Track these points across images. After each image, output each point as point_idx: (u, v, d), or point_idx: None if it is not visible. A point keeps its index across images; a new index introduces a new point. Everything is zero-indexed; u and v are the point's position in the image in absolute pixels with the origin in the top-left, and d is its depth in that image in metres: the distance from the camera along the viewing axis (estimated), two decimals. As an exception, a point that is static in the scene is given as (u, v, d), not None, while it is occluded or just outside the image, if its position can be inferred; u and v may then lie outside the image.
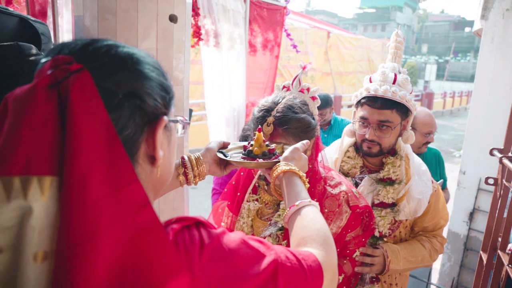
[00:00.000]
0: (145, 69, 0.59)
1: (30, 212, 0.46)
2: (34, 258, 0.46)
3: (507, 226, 1.35)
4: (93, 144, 0.48)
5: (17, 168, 0.46)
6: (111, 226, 0.48)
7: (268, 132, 1.21)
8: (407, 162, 1.65)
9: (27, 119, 0.48)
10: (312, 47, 11.94)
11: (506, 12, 3.01)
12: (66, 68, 0.50)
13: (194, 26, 3.07)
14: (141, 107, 0.57)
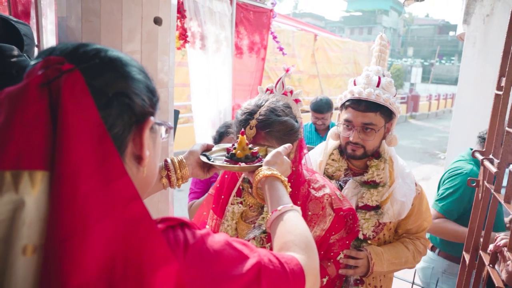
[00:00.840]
0: (133, 71, 0.61)
1: (22, 206, 0.47)
2: (23, 251, 0.47)
3: (488, 227, 1.37)
4: (84, 140, 0.50)
5: (8, 162, 0.48)
6: (101, 219, 0.49)
7: (251, 135, 1.22)
8: (391, 165, 1.66)
9: (18, 116, 0.49)
10: (299, 49, 12.00)
11: (486, 17, 3.07)
12: (58, 68, 0.52)
13: (180, 28, 3.06)
14: (129, 106, 0.59)
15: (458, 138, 3.32)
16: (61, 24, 1.49)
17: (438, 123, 18.46)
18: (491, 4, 3.07)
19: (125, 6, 1.39)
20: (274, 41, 4.15)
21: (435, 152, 11.73)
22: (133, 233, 0.51)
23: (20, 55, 1.38)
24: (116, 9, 1.39)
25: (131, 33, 1.42)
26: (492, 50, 3.04)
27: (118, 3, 1.38)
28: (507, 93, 1.28)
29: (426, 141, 13.66)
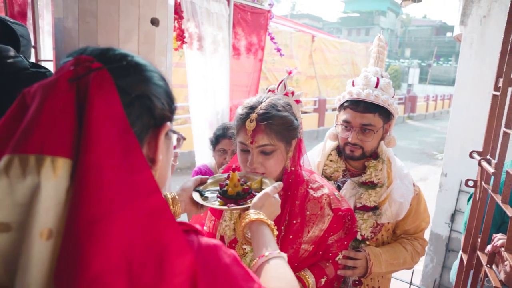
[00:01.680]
0: (154, 77, 0.65)
1: (39, 189, 0.49)
2: (41, 235, 0.49)
3: (486, 227, 1.37)
4: (109, 132, 0.53)
5: (33, 147, 0.51)
6: (123, 208, 0.51)
7: (251, 128, 1.23)
8: (389, 166, 1.67)
9: (48, 106, 0.53)
10: (297, 50, 12.02)
11: (483, 18, 3.08)
12: (88, 66, 0.56)
13: (178, 29, 3.05)
14: (150, 109, 0.62)
15: (455, 139, 3.32)
16: (58, 25, 1.48)
17: (436, 124, 18.50)
18: (488, 5, 3.08)
19: (122, 7, 1.39)
20: (272, 42, 4.15)
21: (433, 153, 11.75)
22: (153, 224, 0.53)
23: (17, 56, 1.38)
24: (113, 10, 1.38)
25: (128, 34, 1.42)
26: (489, 51, 3.05)
27: (115, 4, 1.38)
28: (504, 94, 1.28)
29: (424, 142, 13.69)
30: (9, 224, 0.50)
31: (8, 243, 0.50)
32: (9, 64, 1.34)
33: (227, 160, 2.33)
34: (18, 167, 0.50)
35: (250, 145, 1.25)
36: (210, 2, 3.23)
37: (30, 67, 1.42)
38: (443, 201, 3.41)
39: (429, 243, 3.43)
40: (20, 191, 0.50)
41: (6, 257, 0.50)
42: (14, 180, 0.50)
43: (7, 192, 0.50)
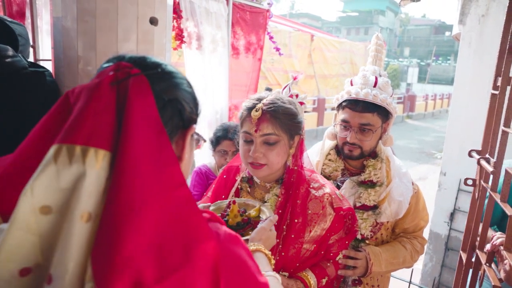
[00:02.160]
0: (184, 84, 0.73)
1: (84, 176, 0.56)
2: (81, 217, 0.55)
3: (485, 226, 1.37)
4: (145, 130, 0.59)
5: (80, 139, 0.57)
6: (156, 196, 0.57)
7: (256, 117, 1.25)
8: (388, 165, 1.67)
9: (92, 105, 0.59)
10: (295, 50, 12.01)
11: (481, 17, 3.08)
12: (127, 72, 0.63)
13: (177, 28, 3.05)
14: (180, 112, 0.70)
15: (454, 138, 3.33)
16: (57, 24, 1.48)
17: (435, 123, 18.52)
18: (486, 4, 3.08)
19: (121, 6, 1.39)
20: (271, 41, 4.15)
21: (432, 152, 11.76)
22: (180, 212, 0.60)
23: (15, 56, 1.37)
24: (112, 9, 1.38)
25: (126, 33, 1.41)
26: (488, 50, 3.05)
27: (113, 3, 1.38)
28: (503, 93, 1.28)
29: (423, 141, 13.70)
30: (51, 207, 0.56)
31: (48, 225, 0.56)
32: (7, 63, 1.33)
33: (228, 161, 2.34)
34: (65, 156, 0.56)
35: (255, 133, 1.26)
36: (209, 1, 3.23)
37: (28, 67, 1.41)
38: (442, 200, 3.42)
39: (429, 242, 3.44)
40: (65, 177, 0.56)
41: (45, 237, 0.56)
42: (61, 167, 0.56)
43: (53, 177, 0.56)
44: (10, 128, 1.34)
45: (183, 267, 0.58)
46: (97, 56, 1.40)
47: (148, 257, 0.55)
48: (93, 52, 1.40)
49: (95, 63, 1.40)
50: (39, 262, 0.56)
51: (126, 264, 0.52)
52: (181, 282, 0.57)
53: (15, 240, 0.55)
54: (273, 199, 1.36)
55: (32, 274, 0.56)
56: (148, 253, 0.55)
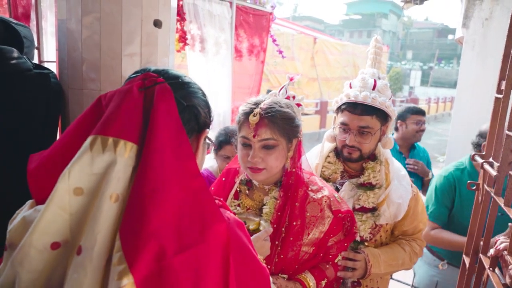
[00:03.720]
0: (199, 92, 0.85)
1: (115, 163, 0.66)
2: (110, 197, 0.64)
3: (488, 230, 1.37)
4: (168, 128, 0.70)
5: (113, 132, 0.67)
6: (177, 182, 0.68)
7: (254, 122, 1.25)
8: (387, 167, 1.66)
9: (124, 105, 0.70)
10: (298, 52, 12.02)
11: (485, 21, 3.08)
12: (154, 80, 0.75)
13: (180, 31, 3.06)
14: (196, 116, 0.82)
15: (457, 141, 3.32)
16: (61, 26, 1.49)
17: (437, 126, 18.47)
18: (490, 7, 3.08)
19: (125, 9, 1.39)
20: (274, 44, 4.15)
21: (434, 155, 11.72)
22: (197, 197, 0.69)
23: (20, 57, 1.38)
24: (116, 11, 1.38)
25: (130, 35, 1.42)
26: (491, 54, 3.05)
27: (118, 6, 1.38)
28: (507, 97, 1.28)
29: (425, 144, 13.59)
30: (83, 189, 0.65)
31: (78, 205, 0.65)
32: (12, 65, 1.34)
33: None
34: (100, 145, 0.66)
35: (253, 138, 1.26)
36: (212, 4, 3.24)
37: (33, 68, 1.42)
38: (445, 203, 3.39)
39: (431, 245, 3.41)
40: (98, 164, 0.66)
41: (75, 216, 0.65)
42: (95, 154, 0.66)
43: (88, 163, 0.65)
44: (14, 128, 1.35)
45: (199, 244, 0.67)
46: (101, 57, 1.40)
47: (169, 233, 0.64)
48: (97, 54, 1.40)
49: (99, 65, 1.40)
50: (67, 239, 0.65)
51: (151, 237, 0.62)
52: (197, 256, 0.67)
53: (51, 215, 0.64)
54: (272, 202, 1.36)
55: (61, 249, 0.65)
56: (169, 229, 0.64)
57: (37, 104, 1.41)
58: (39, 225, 0.63)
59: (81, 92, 1.43)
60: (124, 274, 0.59)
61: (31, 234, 0.63)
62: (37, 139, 1.42)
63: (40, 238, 0.63)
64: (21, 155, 1.38)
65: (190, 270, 0.66)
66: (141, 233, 0.62)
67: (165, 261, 0.62)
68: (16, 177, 1.37)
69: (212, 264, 0.69)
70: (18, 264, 0.63)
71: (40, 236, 0.63)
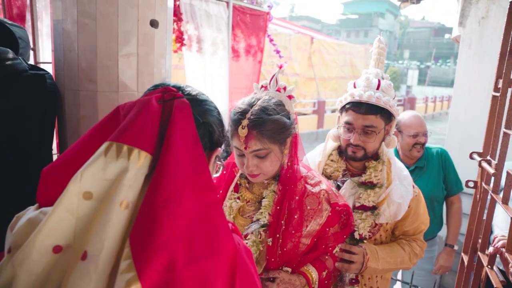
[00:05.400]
0: (215, 111, 0.88)
1: (127, 170, 0.66)
2: (120, 204, 0.64)
3: (487, 228, 1.37)
4: (185, 141, 0.71)
5: (128, 139, 0.68)
6: (190, 195, 0.68)
7: (243, 135, 1.25)
8: (389, 167, 1.66)
9: (141, 115, 0.71)
10: (295, 52, 12.02)
11: (481, 20, 3.09)
12: (173, 94, 0.77)
13: (177, 31, 3.06)
14: (210, 134, 0.85)
15: (454, 140, 3.32)
16: (57, 27, 1.48)
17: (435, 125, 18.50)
18: (486, 6, 3.08)
19: (121, 9, 1.39)
20: (271, 44, 4.16)
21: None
22: (209, 211, 0.70)
23: (15, 58, 1.37)
24: (112, 12, 1.38)
25: (127, 36, 1.41)
26: (488, 52, 3.06)
27: (114, 6, 1.38)
28: (504, 95, 1.28)
29: (423, 143, 13.67)
30: (92, 194, 0.65)
31: (86, 209, 0.65)
32: (7, 66, 1.33)
33: None
34: (114, 151, 0.67)
35: (244, 150, 1.27)
36: (209, 4, 3.23)
37: (28, 69, 1.41)
38: (443, 202, 3.40)
39: (429, 244, 3.42)
40: (111, 170, 0.66)
41: (81, 220, 0.64)
42: (109, 160, 0.66)
43: (101, 168, 0.66)
44: (10, 130, 1.34)
45: (208, 257, 0.68)
46: (98, 58, 1.40)
47: (180, 244, 0.64)
48: (93, 54, 1.39)
49: (95, 66, 1.40)
50: (70, 243, 0.64)
51: (162, 247, 0.62)
52: (206, 270, 0.67)
53: (57, 218, 0.63)
54: (271, 195, 1.39)
55: (62, 253, 0.64)
56: (180, 241, 0.65)
57: (33, 105, 1.40)
58: (45, 226, 0.63)
59: (78, 93, 1.42)
60: (132, 282, 0.59)
61: (36, 236, 0.63)
62: (33, 141, 1.41)
63: (43, 240, 0.63)
64: (17, 157, 1.38)
65: (198, 283, 0.66)
66: (152, 242, 0.62)
67: (174, 272, 0.63)
68: (13, 178, 1.36)
69: (220, 279, 0.69)
70: (18, 264, 0.63)
71: (44, 238, 0.63)
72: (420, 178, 2.61)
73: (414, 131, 2.57)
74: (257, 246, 1.37)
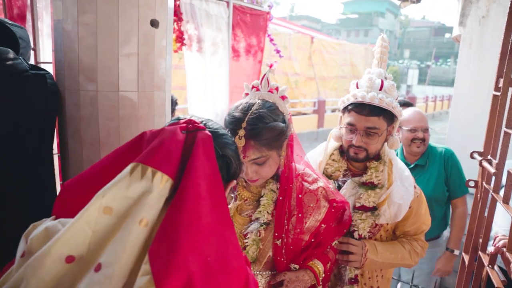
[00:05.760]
0: (233, 146, 0.97)
1: (150, 191, 0.71)
2: (140, 222, 0.69)
3: (487, 227, 1.37)
4: (206, 170, 0.77)
5: (153, 162, 0.74)
6: (209, 221, 0.73)
7: (241, 145, 1.24)
8: (390, 167, 1.66)
9: (168, 142, 0.77)
10: (295, 52, 12.01)
11: (482, 19, 3.09)
12: (196, 126, 0.83)
13: (177, 31, 3.05)
14: (228, 166, 0.92)
15: (455, 139, 3.32)
16: (57, 27, 1.48)
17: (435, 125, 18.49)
18: (486, 6, 3.08)
19: (122, 9, 1.38)
20: (271, 43, 4.15)
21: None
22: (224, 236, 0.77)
23: (16, 58, 1.37)
24: (113, 11, 1.38)
25: (127, 35, 1.41)
26: (488, 52, 3.05)
27: (114, 6, 1.38)
28: (505, 94, 1.28)
29: (423, 143, 13.65)
30: (112, 209, 0.69)
31: (104, 223, 0.68)
32: (8, 66, 1.33)
33: None
34: (139, 172, 0.72)
35: (243, 159, 1.27)
36: (209, 4, 3.23)
37: (29, 69, 1.41)
38: (444, 201, 3.40)
39: (430, 244, 3.42)
40: (134, 189, 0.71)
41: (97, 233, 0.68)
42: (133, 179, 0.71)
43: (125, 186, 0.70)
44: (11, 130, 1.34)
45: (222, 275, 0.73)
46: (98, 58, 1.40)
47: (198, 263, 0.69)
48: (94, 54, 1.39)
49: (95, 66, 1.40)
50: (83, 254, 0.67)
51: (183, 264, 0.66)
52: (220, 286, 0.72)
53: (76, 228, 0.67)
54: (270, 194, 1.40)
55: (74, 263, 0.67)
56: (198, 260, 0.69)
57: (34, 105, 1.40)
58: (63, 236, 0.66)
59: (78, 93, 1.42)
60: None
61: (53, 243, 0.66)
62: (33, 140, 1.41)
63: (58, 249, 0.66)
64: (17, 157, 1.38)
65: None
66: (173, 260, 0.66)
67: None
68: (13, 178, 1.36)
69: None
70: (30, 270, 0.65)
71: (60, 247, 0.66)
72: (420, 177, 2.59)
73: (411, 126, 2.56)
74: (257, 244, 1.39)
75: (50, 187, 1.50)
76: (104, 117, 1.41)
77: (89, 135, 1.42)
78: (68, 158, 1.48)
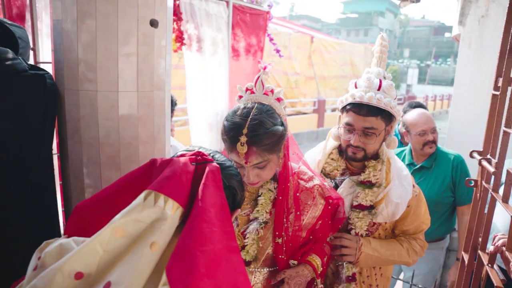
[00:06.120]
0: (239, 177, 1.04)
1: (162, 218, 0.77)
2: (151, 245, 0.73)
3: (487, 226, 1.37)
4: (215, 199, 0.84)
5: (166, 190, 0.79)
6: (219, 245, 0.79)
7: (243, 151, 1.25)
8: (388, 166, 1.66)
9: (179, 172, 0.84)
10: (295, 51, 12.00)
11: (481, 18, 3.09)
12: (205, 159, 0.91)
13: (177, 31, 3.05)
14: (234, 197, 1.00)
15: (455, 138, 3.32)
16: (57, 27, 1.48)
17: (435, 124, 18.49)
18: (486, 5, 3.08)
19: (121, 9, 1.38)
20: (271, 43, 4.15)
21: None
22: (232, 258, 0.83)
23: (15, 58, 1.37)
24: (112, 11, 1.38)
25: (127, 35, 1.41)
26: (488, 51, 3.05)
27: (113, 6, 1.37)
28: (504, 93, 1.28)
29: (423, 142, 13.63)
30: (125, 231, 0.74)
31: (116, 244, 0.73)
32: (7, 66, 1.33)
33: None
34: (152, 198, 0.78)
35: (245, 164, 1.29)
36: (209, 3, 3.23)
37: (28, 69, 1.41)
38: (443, 201, 3.40)
39: (430, 243, 3.42)
40: (147, 214, 0.76)
41: (107, 253, 0.72)
42: (146, 205, 0.77)
43: (138, 211, 0.75)
44: (10, 130, 1.34)
45: None
46: (98, 58, 1.40)
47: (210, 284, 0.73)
48: (93, 54, 1.39)
49: (95, 65, 1.40)
50: (91, 273, 0.71)
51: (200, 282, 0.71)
52: None
53: (89, 247, 0.71)
54: (267, 194, 1.43)
55: (81, 280, 0.70)
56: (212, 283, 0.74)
57: (33, 105, 1.40)
58: (76, 254, 0.70)
59: (78, 93, 1.42)
60: None
61: (65, 260, 0.69)
62: (33, 141, 1.41)
63: (70, 265, 0.69)
64: (17, 157, 1.38)
65: None
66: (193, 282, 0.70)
67: None
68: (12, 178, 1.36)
69: None
70: (41, 283, 0.68)
71: (71, 263, 0.69)
72: (425, 179, 2.57)
73: (420, 129, 2.55)
74: (257, 243, 1.41)
75: (50, 187, 1.50)
76: (104, 117, 1.41)
77: (88, 135, 1.42)
78: (67, 158, 1.48)
